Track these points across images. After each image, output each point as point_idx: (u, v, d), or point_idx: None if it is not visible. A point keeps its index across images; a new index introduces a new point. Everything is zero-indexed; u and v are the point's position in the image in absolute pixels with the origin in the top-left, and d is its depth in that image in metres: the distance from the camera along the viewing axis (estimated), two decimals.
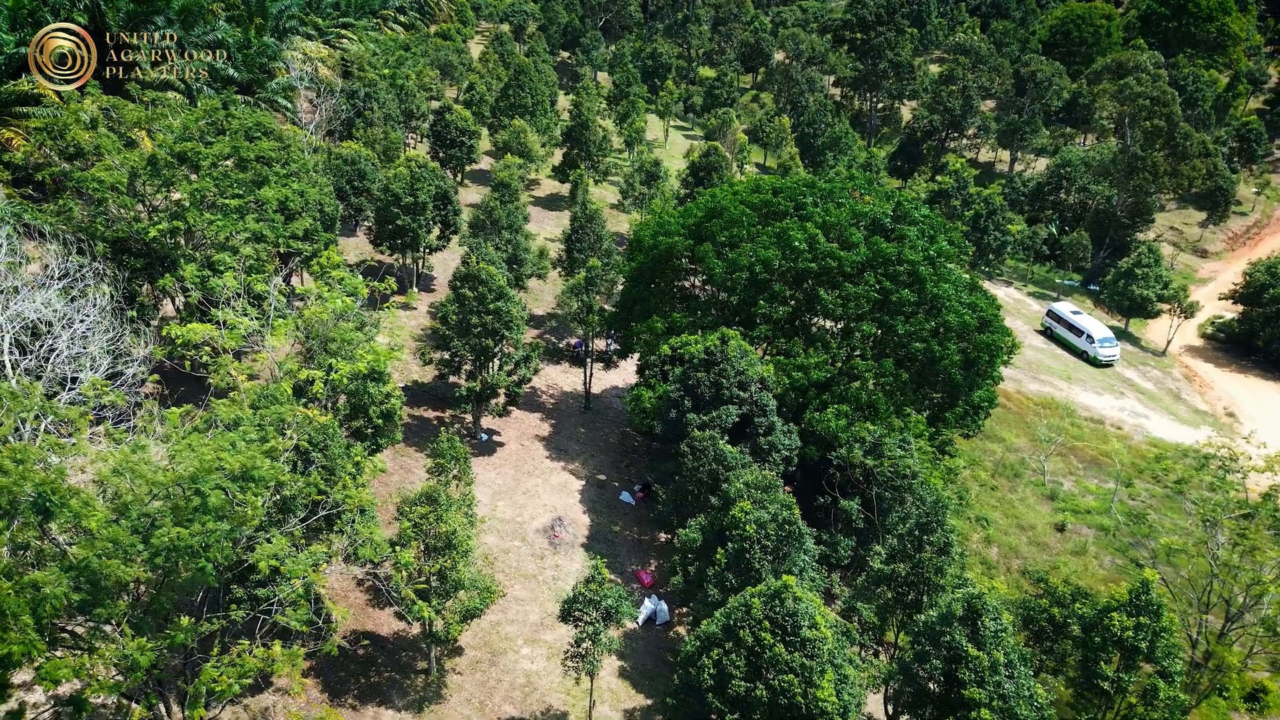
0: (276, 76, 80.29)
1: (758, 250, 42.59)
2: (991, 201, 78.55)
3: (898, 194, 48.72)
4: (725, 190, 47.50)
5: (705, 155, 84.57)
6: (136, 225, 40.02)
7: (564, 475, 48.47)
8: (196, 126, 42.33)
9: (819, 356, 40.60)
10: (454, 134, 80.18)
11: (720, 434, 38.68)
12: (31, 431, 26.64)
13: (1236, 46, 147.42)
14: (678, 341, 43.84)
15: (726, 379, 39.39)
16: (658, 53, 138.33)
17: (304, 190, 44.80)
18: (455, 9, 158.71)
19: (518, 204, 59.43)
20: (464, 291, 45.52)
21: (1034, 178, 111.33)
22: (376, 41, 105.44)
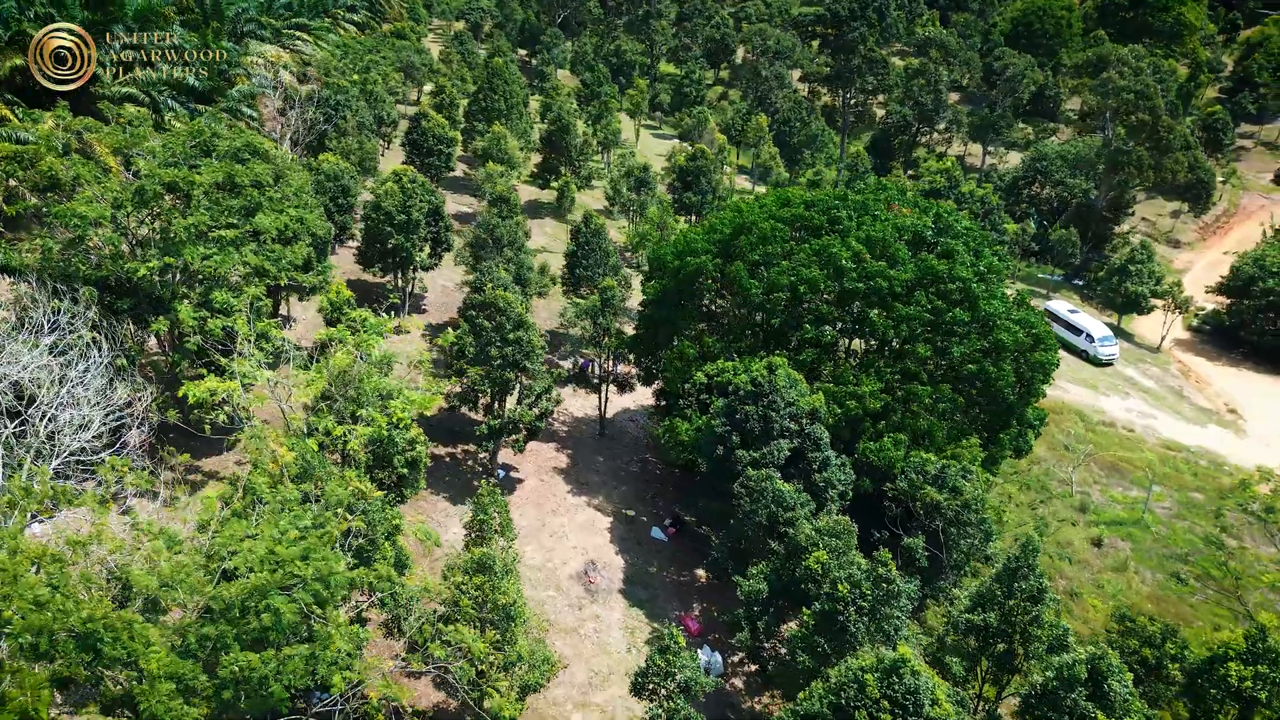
0: (237, 84, 75.62)
1: (799, 270, 40.04)
2: (987, 201, 77.13)
3: (935, 204, 46.56)
4: (752, 204, 44.84)
5: (691, 159, 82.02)
6: (122, 264, 36.03)
7: (589, 512, 45.51)
8: (183, 150, 38.40)
9: (873, 383, 38.22)
10: (431, 142, 76.34)
11: (773, 471, 36.08)
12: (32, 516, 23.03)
13: (1193, 36, 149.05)
14: (713, 369, 41.14)
15: (777, 412, 36.81)
16: (621, 50, 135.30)
17: (304, 217, 41.11)
18: (406, 6, 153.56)
19: (518, 219, 56.12)
20: (480, 321, 42.25)
21: (1009, 172, 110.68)
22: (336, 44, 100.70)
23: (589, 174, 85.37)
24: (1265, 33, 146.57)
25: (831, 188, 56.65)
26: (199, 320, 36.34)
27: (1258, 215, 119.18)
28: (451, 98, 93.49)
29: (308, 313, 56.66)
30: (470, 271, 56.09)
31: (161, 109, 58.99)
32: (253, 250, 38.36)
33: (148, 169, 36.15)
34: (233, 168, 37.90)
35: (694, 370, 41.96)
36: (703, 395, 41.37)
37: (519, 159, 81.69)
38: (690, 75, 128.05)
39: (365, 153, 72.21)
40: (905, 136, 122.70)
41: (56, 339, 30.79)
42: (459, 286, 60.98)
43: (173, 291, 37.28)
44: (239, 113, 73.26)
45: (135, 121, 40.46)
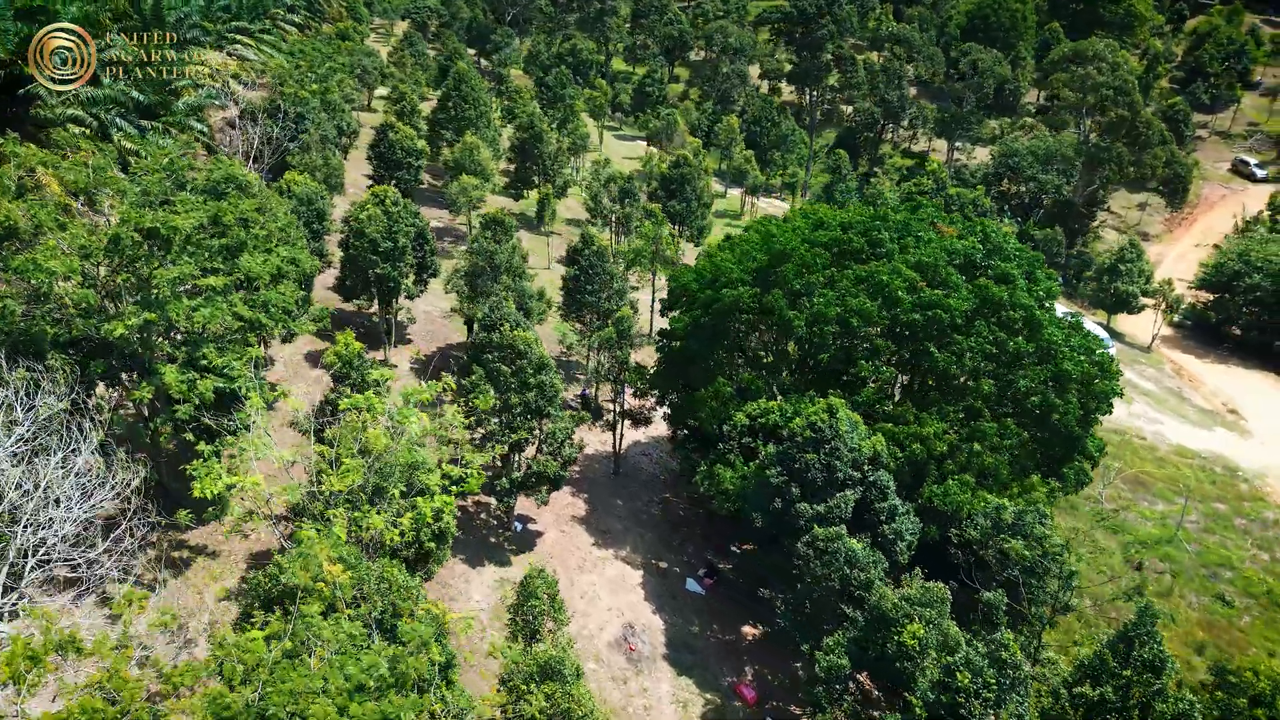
0: (183, 96, 69.82)
1: (847, 300, 36.86)
2: (980, 204, 75.16)
3: (981, 222, 43.77)
4: (786, 228, 41.51)
5: (674, 165, 78.50)
6: (95, 322, 31.24)
7: (618, 566, 41.86)
8: (159, 188, 33.64)
9: (937, 423, 35.26)
10: (399, 154, 71.56)
11: (840, 526, 32.90)
12: None
13: (1143, 27, 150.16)
14: (755, 409, 37.81)
15: (840, 460, 33.61)
16: (578, 49, 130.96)
17: (296, 256, 36.60)
18: (346, 6, 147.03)
19: (513, 242, 52.03)
20: (498, 366, 38.23)
21: (980, 169, 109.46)
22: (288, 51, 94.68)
23: (564, 183, 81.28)
24: (1212, 23, 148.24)
25: (841, 200, 53.57)
26: (187, 383, 31.74)
27: (1220, 205, 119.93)
28: (412, 104, 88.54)
29: (286, 351, 51.90)
30: (464, 300, 51.86)
31: (110, 130, 53.45)
32: (242, 298, 33.79)
33: (122, 212, 31.37)
34: (218, 207, 33.26)
35: (732, 410, 38.55)
36: (745, 438, 38.00)
37: (492, 170, 77.27)
38: (652, 74, 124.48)
39: (331, 168, 67.25)
40: (871, 134, 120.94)
41: (28, 427, 26.07)
42: (447, 315, 56.67)
43: (155, 350, 32.58)
44: (186, 127, 67.73)
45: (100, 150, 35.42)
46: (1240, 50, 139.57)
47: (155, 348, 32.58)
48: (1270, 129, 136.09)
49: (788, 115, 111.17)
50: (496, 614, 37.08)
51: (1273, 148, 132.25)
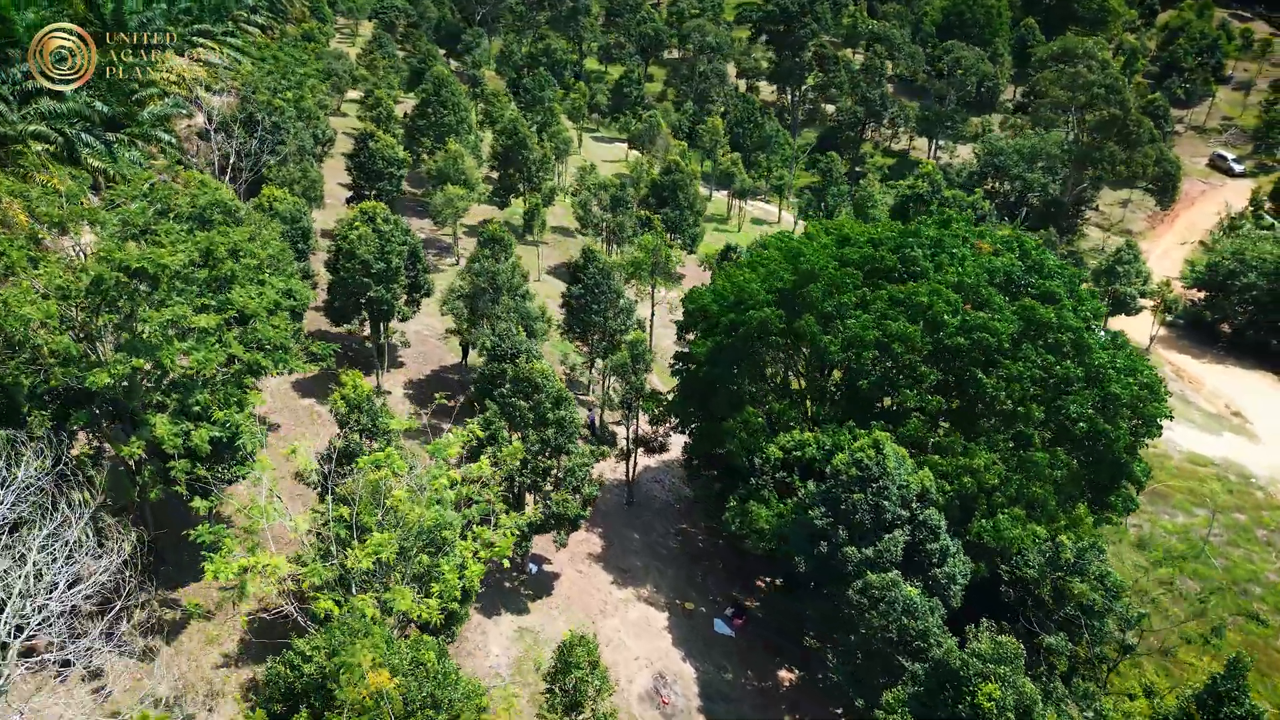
0: (148, 105, 66.05)
1: (888, 324, 34.70)
2: (979, 207, 73.57)
3: (1020, 237, 41.82)
4: (811, 245, 39.24)
5: (666, 172, 76.12)
6: (75, 370, 28.17)
7: (640, 608, 39.42)
8: (143, 219, 30.56)
9: (986, 454, 33.22)
10: (380, 164, 68.35)
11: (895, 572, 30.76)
12: None
13: (1117, 21, 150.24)
14: (788, 441, 35.56)
15: (889, 499, 31.45)
16: (552, 49, 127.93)
17: (294, 288, 33.67)
18: (310, 6, 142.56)
19: (514, 260, 49.31)
20: (514, 401, 35.57)
21: (963, 167, 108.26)
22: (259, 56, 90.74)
23: (551, 191, 78.48)
24: (1183, 17, 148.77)
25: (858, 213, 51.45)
26: (181, 434, 28.78)
27: (1200, 201, 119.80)
28: (389, 109, 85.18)
29: (272, 381, 48.74)
30: (462, 322, 49.05)
31: (76, 146, 49.86)
32: (236, 336, 30.81)
33: (102, 248, 28.28)
34: (209, 239, 30.25)
35: (763, 442, 36.26)
36: (779, 473, 35.73)
37: (477, 179, 74.31)
38: (629, 75, 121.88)
39: (310, 181, 63.96)
40: (853, 133, 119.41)
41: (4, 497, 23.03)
42: (443, 337, 53.82)
43: (143, 399, 29.55)
44: (152, 138, 64.09)
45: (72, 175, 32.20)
46: (1213, 45, 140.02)
47: (143, 395, 29.54)
48: (1244, 123, 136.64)
49: (771, 116, 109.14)
50: (518, 669, 34.51)
51: (1248, 142, 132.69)
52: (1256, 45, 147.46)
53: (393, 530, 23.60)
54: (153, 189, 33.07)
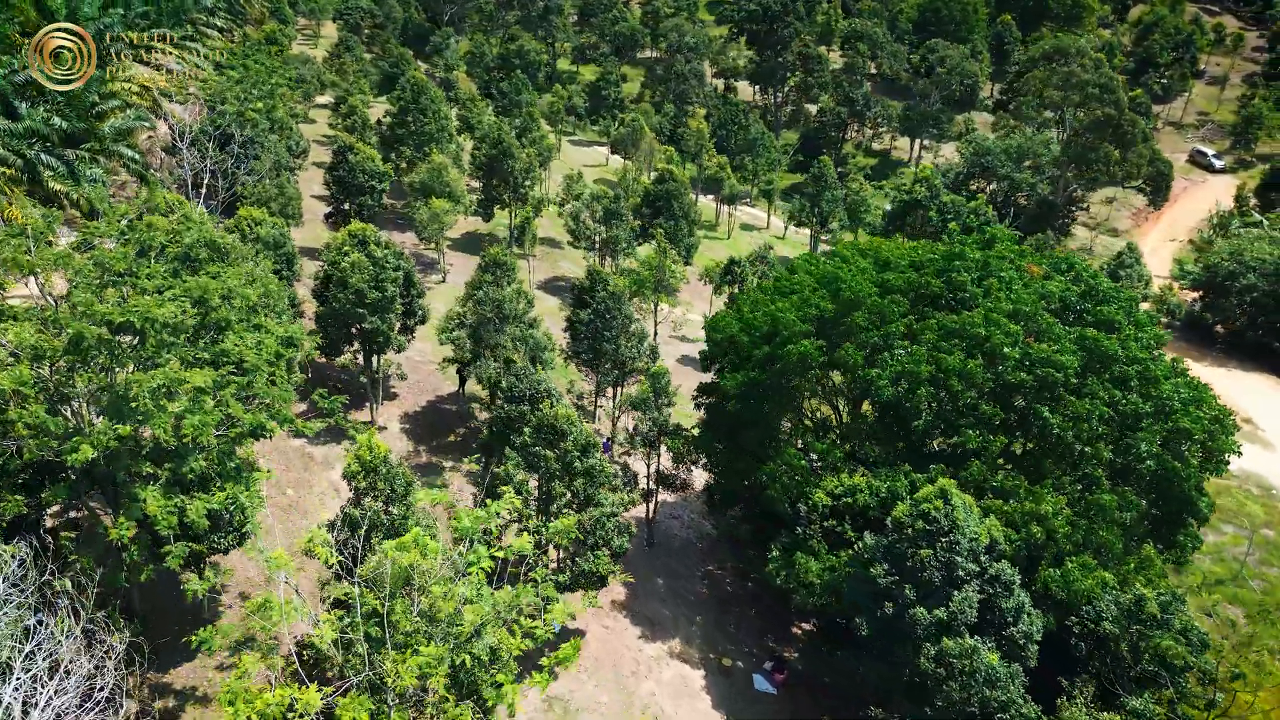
0: (109, 118, 61.78)
1: (943, 358, 32.08)
2: (982, 213, 71.52)
3: (1068, 257, 39.42)
4: (848, 269, 36.50)
5: (659, 181, 73.16)
6: (51, 441, 24.65)
7: (675, 666, 36.51)
8: (124, 263, 27.01)
9: (1054, 499, 30.78)
10: (360, 178, 64.66)
11: (976, 639, 28.19)
12: None
13: (1091, 17, 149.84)
14: (836, 485, 32.86)
15: (960, 554, 28.86)
16: (525, 50, 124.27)
17: (293, 335, 30.26)
18: (270, 7, 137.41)
19: (518, 285, 46.10)
20: (540, 451, 32.48)
21: (951, 167, 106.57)
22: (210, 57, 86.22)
23: (539, 202, 75.16)
24: (1156, 12, 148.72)
25: (921, 240, 48.79)
26: (175, 510, 25.36)
27: (1183, 198, 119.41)
28: (363, 117, 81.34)
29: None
30: (463, 351, 45.74)
31: (36, 168, 45.83)
32: (234, 393, 27.36)
33: (80, 300, 24.75)
34: (202, 287, 26.77)
35: (807, 486, 33.53)
36: (827, 520, 33.02)
37: (463, 191, 70.82)
38: (606, 76, 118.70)
39: (287, 198, 60.18)
40: (835, 133, 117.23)
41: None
42: (441, 367, 50.46)
43: (129, 469, 26.06)
44: (114, 154, 59.93)
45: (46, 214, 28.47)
46: (1188, 40, 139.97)
47: (129, 465, 26.04)
48: (1220, 118, 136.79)
49: (757, 118, 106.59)
50: None
51: (1225, 137, 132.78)
52: (1229, 39, 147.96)
53: (435, 636, 20.41)
54: (131, 226, 29.44)
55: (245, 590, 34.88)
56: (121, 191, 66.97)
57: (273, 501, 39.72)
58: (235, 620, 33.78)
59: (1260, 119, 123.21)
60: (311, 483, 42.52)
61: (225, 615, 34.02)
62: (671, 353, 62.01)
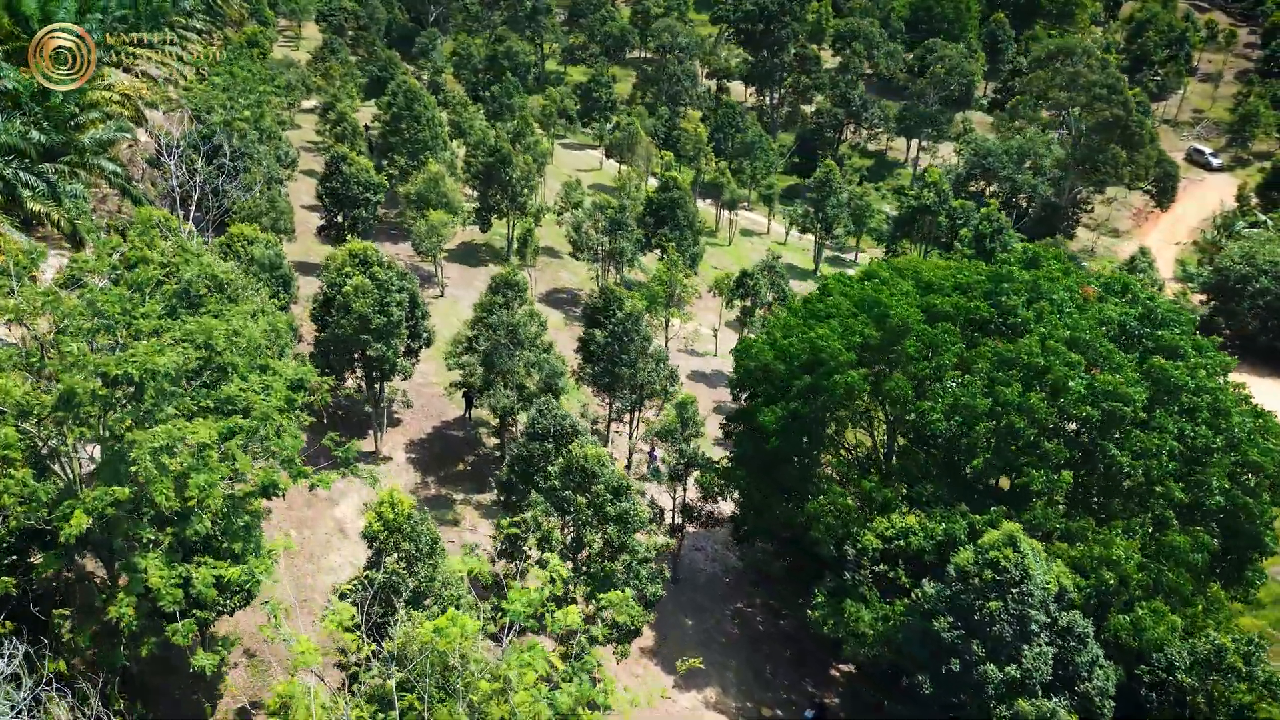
0: (89, 130, 58.73)
1: (1001, 390, 29.98)
2: (995, 219, 69.62)
3: (1121, 278, 37.40)
4: (889, 292, 34.31)
5: (663, 189, 70.84)
6: (40, 508, 22.10)
7: (711, 718, 34.29)
8: (118, 305, 24.42)
9: (1124, 542, 28.76)
10: (355, 189, 61.96)
11: (1053, 701, 26.12)
12: None
13: (1084, 14, 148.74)
14: (889, 528, 30.72)
15: (1032, 606, 26.77)
16: (513, 51, 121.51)
17: (304, 376, 27.76)
18: (250, 8, 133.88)
19: (530, 306, 43.69)
20: (568, 495, 30.14)
21: (952, 168, 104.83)
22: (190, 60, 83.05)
23: (538, 211, 72.64)
24: (1148, 8, 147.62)
25: (960, 258, 46.67)
26: (180, 581, 22.86)
27: (1183, 198, 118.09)
28: (353, 125, 78.50)
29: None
30: (474, 379, 43.26)
31: (16, 188, 42.96)
32: (241, 444, 24.83)
33: (74, 351, 22.21)
34: (208, 330, 24.23)
35: (855, 528, 31.38)
36: (878, 564, 30.88)
37: (460, 202, 68.24)
38: (598, 78, 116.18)
39: (279, 212, 57.48)
40: (831, 134, 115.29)
41: None
42: (448, 392, 47.93)
43: (127, 533, 23.53)
44: (93, 168, 56.92)
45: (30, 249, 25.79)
46: (1182, 37, 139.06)
47: (127, 529, 23.51)
48: (1216, 116, 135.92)
49: (754, 120, 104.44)
50: None
51: (1221, 135, 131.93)
52: (1221, 36, 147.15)
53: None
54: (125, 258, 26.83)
55: (251, 647, 32.35)
56: (102, 205, 63.99)
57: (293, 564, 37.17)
58: (241, 682, 31.33)
59: (1257, 116, 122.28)
60: (315, 521, 40.00)
61: (230, 674, 31.53)
62: (682, 368, 59.76)
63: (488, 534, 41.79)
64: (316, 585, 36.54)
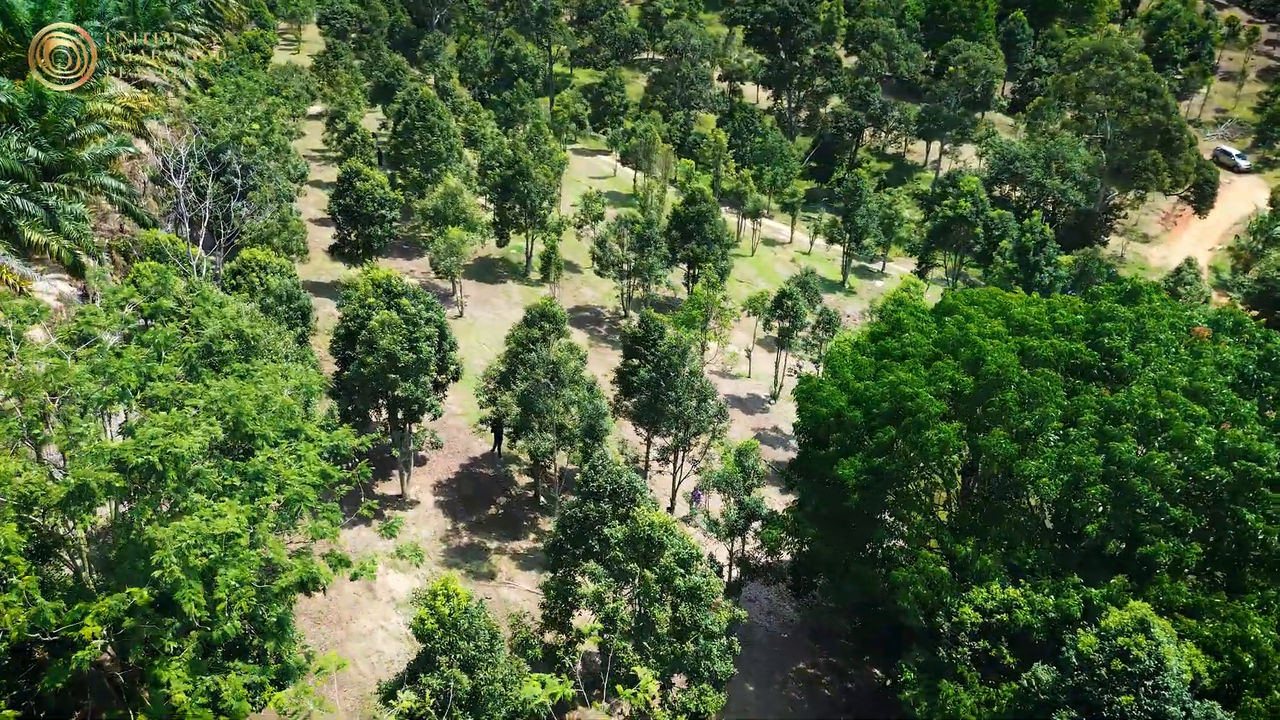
0: (89, 145, 55.42)
1: (1117, 449, 26.84)
2: (1038, 230, 66.43)
3: (1237, 315, 34.17)
4: (978, 327, 31.07)
5: (689, 202, 67.62)
6: (45, 619, 18.95)
7: None
8: (133, 375, 21.22)
9: (1261, 619, 25.65)
10: (370, 207, 58.74)
11: None
12: None
13: (1102, 11, 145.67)
14: (988, 600, 27.60)
15: (1170, 701, 23.66)
16: (522, 54, 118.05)
17: (339, 442, 24.59)
18: (249, 10, 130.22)
19: (569, 340, 40.52)
20: (632, 568, 26.99)
21: (978, 173, 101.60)
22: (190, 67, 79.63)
23: (557, 225, 69.42)
24: (1170, 6, 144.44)
25: (1056, 292, 43.31)
26: (209, 696, 19.71)
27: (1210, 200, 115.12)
28: (364, 135, 75.33)
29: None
30: (507, 418, 40.03)
31: (11, 217, 39.74)
32: (270, 527, 21.67)
33: (83, 433, 19.05)
34: (237, 403, 21.07)
35: (947, 595, 28.26)
36: (977, 639, 27.74)
37: (479, 217, 65.05)
38: (610, 81, 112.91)
39: (291, 232, 54.23)
40: (850, 137, 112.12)
41: None
42: (477, 429, 44.73)
43: (145, 636, 20.37)
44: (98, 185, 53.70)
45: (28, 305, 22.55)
46: (1204, 35, 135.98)
47: (146, 633, 20.35)
48: (1239, 115, 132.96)
49: (774, 126, 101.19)
50: None
51: (1245, 135, 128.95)
52: (1242, 34, 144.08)
53: None
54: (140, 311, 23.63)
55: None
56: (104, 224, 60.75)
57: (299, 608, 34.01)
58: None
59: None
60: (341, 581, 36.76)
61: None
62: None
63: (526, 587, 38.69)
64: (348, 653, 33.39)
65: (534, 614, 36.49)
